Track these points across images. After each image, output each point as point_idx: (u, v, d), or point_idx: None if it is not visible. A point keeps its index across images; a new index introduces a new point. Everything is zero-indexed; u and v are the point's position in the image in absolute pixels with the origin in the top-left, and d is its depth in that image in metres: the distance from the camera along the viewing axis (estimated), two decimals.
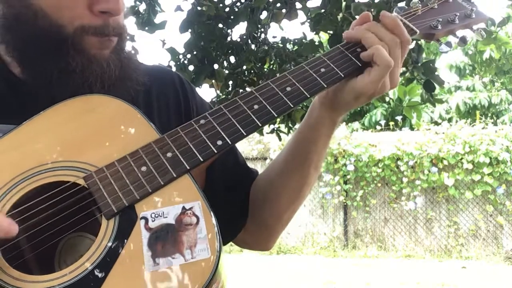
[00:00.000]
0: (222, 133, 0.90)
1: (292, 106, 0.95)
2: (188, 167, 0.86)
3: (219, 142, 0.89)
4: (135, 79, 1.01)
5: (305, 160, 1.10)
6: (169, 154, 0.87)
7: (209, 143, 0.89)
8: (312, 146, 1.09)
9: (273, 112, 0.94)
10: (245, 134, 0.91)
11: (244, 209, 1.15)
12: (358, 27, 1.04)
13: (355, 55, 1.01)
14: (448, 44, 1.13)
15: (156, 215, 0.80)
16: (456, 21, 1.12)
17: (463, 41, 1.13)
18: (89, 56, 0.94)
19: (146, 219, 0.80)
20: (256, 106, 0.94)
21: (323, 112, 1.06)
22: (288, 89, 0.96)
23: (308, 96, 0.96)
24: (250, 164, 1.25)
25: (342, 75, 0.99)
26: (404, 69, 3.28)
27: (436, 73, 3.24)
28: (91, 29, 0.93)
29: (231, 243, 1.19)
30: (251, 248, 1.26)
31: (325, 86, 0.98)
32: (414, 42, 3.12)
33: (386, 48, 0.99)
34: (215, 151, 0.88)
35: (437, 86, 3.27)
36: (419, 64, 3.19)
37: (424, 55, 3.34)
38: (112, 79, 0.96)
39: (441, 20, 1.11)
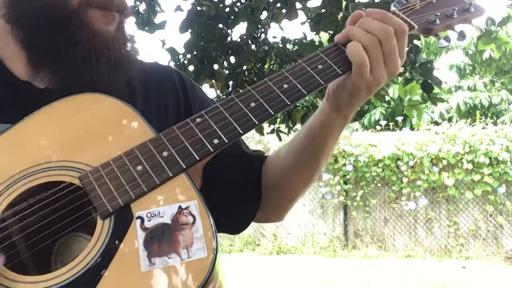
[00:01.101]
0: (219, 132, 0.89)
1: (289, 103, 0.94)
2: (184, 166, 0.85)
3: (216, 141, 0.88)
4: (138, 63, 1.03)
5: (317, 154, 1.11)
6: (165, 153, 0.86)
7: (206, 142, 0.88)
8: (324, 142, 1.10)
9: (270, 110, 0.93)
10: (242, 132, 0.90)
11: (257, 195, 1.16)
12: (348, 26, 1.02)
13: None
14: (447, 38, 1.12)
15: (152, 215, 0.80)
16: (454, 15, 1.11)
17: (462, 35, 1.12)
18: (93, 30, 0.96)
19: (142, 219, 0.79)
20: (253, 104, 0.93)
21: (332, 112, 1.06)
22: (285, 86, 0.95)
23: (305, 93, 0.95)
24: None
25: (340, 72, 0.98)
26: (402, 69, 3.28)
27: (435, 73, 3.25)
28: (95, 2, 0.95)
29: (231, 243, 1.20)
30: (263, 222, 1.29)
31: (322, 83, 0.97)
32: (412, 43, 3.13)
33: (376, 43, 0.96)
34: (212, 150, 0.88)
35: (435, 86, 3.27)
36: (417, 65, 3.19)
37: (424, 55, 3.34)
38: (117, 56, 0.98)
39: (439, 14, 1.09)
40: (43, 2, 0.94)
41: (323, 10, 3.61)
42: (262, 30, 3.98)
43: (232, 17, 3.78)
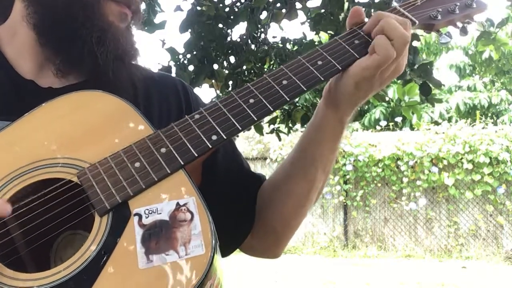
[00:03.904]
0: (217, 128, 0.89)
1: (288, 99, 0.93)
2: (182, 163, 0.84)
3: (214, 137, 0.88)
4: (142, 68, 1.05)
5: (311, 164, 1.07)
6: (163, 150, 0.85)
7: (204, 138, 0.87)
8: (318, 148, 1.06)
9: (268, 106, 0.92)
10: (240, 128, 0.90)
11: (250, 216, 1.12)
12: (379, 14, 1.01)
13: (353, 47, 0.99)
14: (448, 34, 1.12)
15: (150, 212, 0.79)
16: (456, 11, 1.10)
17: (463, 31, 1.11)
18: (108, 22, 0.99)
19: (140, 216, 0.79)
20: (251, 100, 0.92)
21: (328, 110, 1.04)
22: (285, 82, 0.95)
23: (305, 89, 0.94)
24: (250, 164, 1.23)
25: (340, 68, 0.97)
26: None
27: (435, 73, 3.24)
28: None
29: None
30: (259, 255, 1.22)
31: (322, 79, 0.96)
32: (410, 44, 3.12)
33: (402, 41, 0.96)
34: (210, 146, 0.87)
35: (434, 88, 3.27)
36: (416, 66, 3.18)
37: (424, 55, 3.34)
38: (123, 50, 1.00)
39: (441, 10, 1.09)
40: None
41: (322, 10, 3.61)
42: (262, 30, 3.99)
43: (232, 17, 3.78)
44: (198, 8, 3.72)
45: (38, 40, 0.99)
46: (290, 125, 4.16)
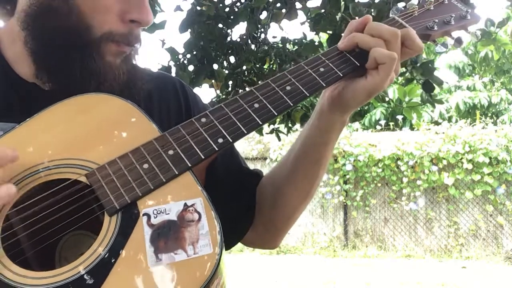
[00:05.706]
0: (223, 131, 0.91)
1: (292, 105, 0.97)
2: (189, 164, 0.86)
3: (220, 140, 0.90)
4: (139, 87, 1.03)
5: (315, 164, 1.11)
6: (170, 152, 0.88)
7: (210, 141, 0.90)
8: (323, 149, 1.10)
9: (273, 110, 0.95)
10: (245, 132, 0.92)
11: (250, 211, 1.16)
12: (352, 35, 1.04)
13: (353, 55, 1.03)
14: (444, 45, 1.16)
15: (158, 212, 0.81)
16: (451, 22, 1.15)
17: (458, 41, 1.16)
18: (104, 61, 0.96)
19: (149, 216, 0.81)
20: (256, 105, 0.95)
21: (333, 115, 1.07)
22: (288, 88, 0.98)
23: (308, 95, 0.98)
24: (250, 164, 1.26)
25: (341, 75, 1.01)
26: (403, 69, 3.30)
27: (436, 73, 3.26)
28: (117, 36, 0.96)
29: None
30: (258, 247, 1.28)
31: (324, 85, 1.00)
32: None
33: (383, 45, 1.00)
34: (216, 149, 0.89)
35: (436, 86, 3.29)
36: (418, 65, 3.21)
37: (424, 55, 3.36)
38: (120, 85, 0.98)
39: (437, 21, 1.13)
40: (66, 22, 0.94)
41: (322, 10, 3.62)
42: (262, 30, 3.99)
43: (232, 17, 3.79)
44: (198, 8, 3.72)
45: (33, 65, 0.97)
46: (290, 125, 4.17)
